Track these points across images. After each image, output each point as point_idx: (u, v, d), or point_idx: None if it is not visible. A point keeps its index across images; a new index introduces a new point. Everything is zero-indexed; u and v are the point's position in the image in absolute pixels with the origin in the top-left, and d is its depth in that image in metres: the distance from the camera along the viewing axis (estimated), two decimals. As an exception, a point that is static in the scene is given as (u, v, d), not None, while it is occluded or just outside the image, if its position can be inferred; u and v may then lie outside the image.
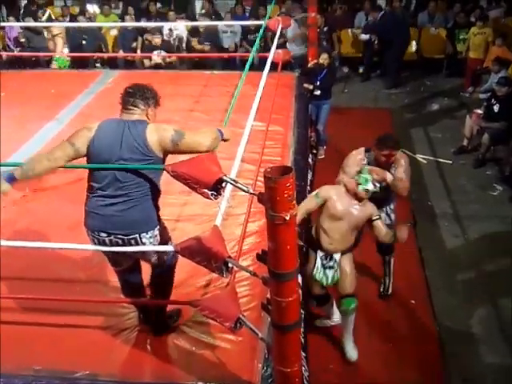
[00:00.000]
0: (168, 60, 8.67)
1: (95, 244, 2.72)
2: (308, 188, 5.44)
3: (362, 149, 4.21)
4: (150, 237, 2.69)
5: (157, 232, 2.73)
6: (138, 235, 2.66)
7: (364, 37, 9.65)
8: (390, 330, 4.31)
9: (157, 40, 8.64)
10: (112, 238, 2.66)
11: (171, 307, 3.11)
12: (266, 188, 2.09)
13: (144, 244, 2.68)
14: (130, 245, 2.67)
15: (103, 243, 2.69)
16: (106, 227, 2.64)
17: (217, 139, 2.73)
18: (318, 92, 6.66)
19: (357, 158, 4.15)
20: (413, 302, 4.60)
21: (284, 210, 2.08)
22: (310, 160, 6.23)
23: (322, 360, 3.97)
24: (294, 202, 2.11)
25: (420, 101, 8.95)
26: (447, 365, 4.03)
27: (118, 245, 2.68)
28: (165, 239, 2.81)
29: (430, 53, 9.93)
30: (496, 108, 6.79)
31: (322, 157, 7.00)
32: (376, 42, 9.53)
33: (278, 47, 5.77)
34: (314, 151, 6.95)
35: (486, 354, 4.16)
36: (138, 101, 2.71)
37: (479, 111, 7.01)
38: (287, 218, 2.08)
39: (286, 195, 2.06)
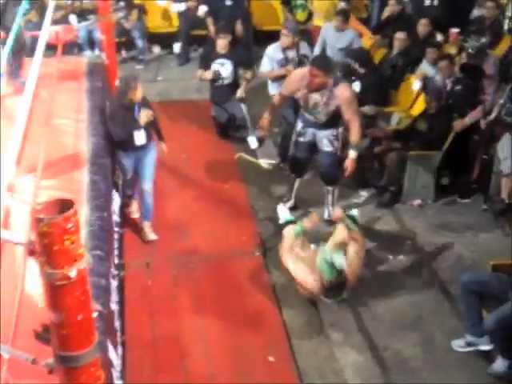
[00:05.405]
0: None
1: None
2: (116, 218, 4.64)
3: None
4: None
5: None
6: None
7: (177, 7, 7.81)
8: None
9: None
10: None
11: None
12: (36, 234, 1.40)
13: None
14: None
15: None
16: None
17: None
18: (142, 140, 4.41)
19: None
20: (271, 359, 3.84)
21: (66, 263, 1.41)
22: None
23: None
24: (83, 249, 1.44)
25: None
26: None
27: None
28: None
29: (264, 25, 8.25)
30: (357, 87, 5.59)
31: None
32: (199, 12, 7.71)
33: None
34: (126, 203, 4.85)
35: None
36: None
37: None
38: (72, 274, 1.41)
39: (67, 242, 1.39)
